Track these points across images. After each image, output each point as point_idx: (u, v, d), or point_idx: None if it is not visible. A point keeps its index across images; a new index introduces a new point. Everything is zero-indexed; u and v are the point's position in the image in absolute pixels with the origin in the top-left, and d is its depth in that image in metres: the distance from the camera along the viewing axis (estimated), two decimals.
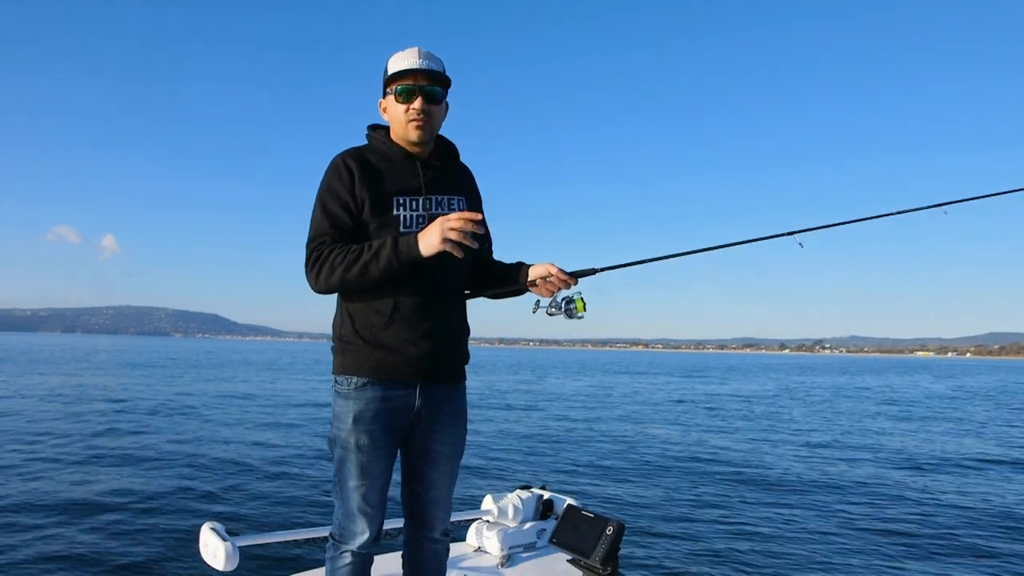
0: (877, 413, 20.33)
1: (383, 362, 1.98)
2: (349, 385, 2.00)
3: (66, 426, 12.25)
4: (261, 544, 2.62)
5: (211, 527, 2.51)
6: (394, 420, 2.02)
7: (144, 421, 13.42)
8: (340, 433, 2.00)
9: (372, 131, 2.13)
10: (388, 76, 2.02)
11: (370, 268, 1.88)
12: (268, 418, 14.58)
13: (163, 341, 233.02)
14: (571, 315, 2.12)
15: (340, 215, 1.97)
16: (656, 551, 5.64)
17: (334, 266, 1.91)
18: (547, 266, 2.13)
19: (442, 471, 2.13)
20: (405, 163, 2.06)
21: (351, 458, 1.99)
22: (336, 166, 2.01)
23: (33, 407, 15.31)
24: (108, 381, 24.87)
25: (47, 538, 5.64)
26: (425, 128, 2.01)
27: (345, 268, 1.90)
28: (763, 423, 16.46)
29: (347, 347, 2.02)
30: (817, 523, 6.72)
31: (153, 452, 9.82)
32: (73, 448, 10.02)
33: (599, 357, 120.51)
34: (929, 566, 5.59)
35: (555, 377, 37.89)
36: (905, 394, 30.29)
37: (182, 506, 6.79)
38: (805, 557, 5.69)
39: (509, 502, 3.01)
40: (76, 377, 26.76)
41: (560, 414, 15.12)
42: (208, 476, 8.21)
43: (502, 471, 7.88)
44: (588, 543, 2.71)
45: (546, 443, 10.44)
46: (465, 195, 2.16)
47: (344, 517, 2.03)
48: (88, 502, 6.86)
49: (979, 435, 15.06)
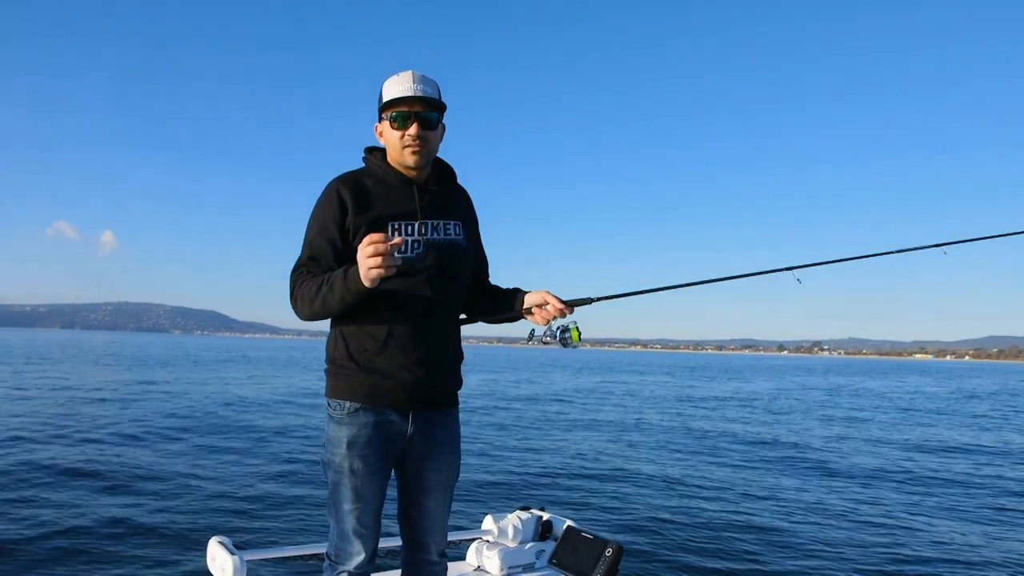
0: (886, 415, 20.35)
1: (376, 387, 2.00)
2: (342, 410, 2.02)
3: (64, 426, 12.29)
4: (269, 559, 2.64)
5: (219, 540, 2.54)
6: (387, 445, 2.04)
7: (153, 425, 13.36)
8: (334, 457, 2.03)
9: (369, 154, 2.14)
10: (383, 102, 2.03)
11: (328, 300, 1.90)
12: (277, 425, 14.59)
13: (162, 338, 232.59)
14: (566, 344, 2.16)
15: (322, 247, 1.99)
16: (657, 574, 5.61)
17: (303, 298, 1.95)
18: (543, 294, 2.16)
19: (436, 498, 2.15)
20: (401, 187, 2.06)
21: (345, 482, 2.01)
22: (328, 194, 2.03)
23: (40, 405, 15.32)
24: (111, 377, 24.90)
25: (48, 540, 5.63)
26: (421, 153, 2.02)
27: (310, 300, 1.93)
28: (768, 432, 16.47)
29: (340, 371, 2.04)
30: (830, 546, 6.65)
31: (159, 461, 9.77)
32: (72, 451, 10.01)
33: (597, 357, 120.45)
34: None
35: (553, 382, 37.72)
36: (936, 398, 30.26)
37: (188, 519, 6.73)
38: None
39: (509, 523, 3.04)
40: (79, 375, 26.73)
41: (560, 430, 15.12)
42: (217, 488, 8.13)
43: (502, 492, 7.83)
44: (587, 564, 2.75)
45: (547, 463, 10.44)
46: (462, 219, 2.16)
47: (339, 538, 2.06)
48: (92, 509, 6.85)
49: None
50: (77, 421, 13.13)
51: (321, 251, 1.98)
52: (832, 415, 20.83)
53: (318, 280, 1.92)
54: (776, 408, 22.76)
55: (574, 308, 2.15)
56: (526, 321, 2.24)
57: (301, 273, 1.98)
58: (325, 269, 1.96)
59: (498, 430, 14.33)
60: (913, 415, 21.80)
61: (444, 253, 2.06)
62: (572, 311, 2.15)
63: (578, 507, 7.69)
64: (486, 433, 13.79)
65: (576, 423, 16.42)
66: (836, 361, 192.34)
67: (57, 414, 14.02)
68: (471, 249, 2.20)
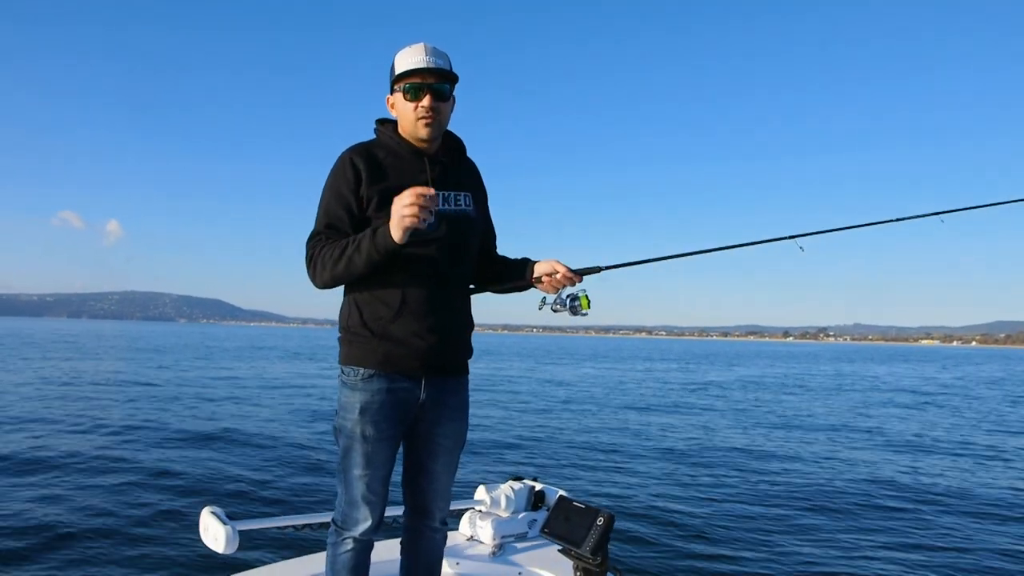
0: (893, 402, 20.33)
1: (390, 354, 2.02)
2: (356, 376, 2.04)
3: (68, 407, 12.41)
4: (261, 529, 2.65)
5: (211, 511, 2.54)
6: (400, 412, 2.06)
7: (144, 403, 13.54)
8: (346, 423, 2.05)
9: (380, 125, 2.16)
10: (396, 74, 2.03)
11: (354, 260, 1.91)
12: (271, 402, 14.70)
13: (170, 327, 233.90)
14: (575, 312, 2.18)
15: (339, 214, 2.01)
16: (647, 541, 5.69)
17: (325, 262, 1.95)
18: (553, 263, 2.18)
19: (444, 463, 2.18)
20: (413, 159, 2.08)
21: (356, 447, 2.03)
22: (342, 163, 2.04)
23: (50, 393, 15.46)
24: (117, 365, 25.10)
25: (42, 513, 5.70)
26: (434, 125, 2.04)
27: (334, 263, 1.94)
28: (760, 411, 16.51)
29: (354, 338, 2.06)
30: (815, 513, 6.77)
31: (154, 435, 9.93)
32: (71, 435, 10.10)
33: (602, 344, 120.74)
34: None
35: (555, 365, 37.88)
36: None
37: (182, 488, 6.86)
38: (799, 548, 5.74)
39: (502, 492, 3.06)
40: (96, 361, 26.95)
41: (554, 404, 15.22)
42: (208, 459, 8.29)
43: (495, 462, 7.96)
44: (579, 533, 2.75)
45: (540, 434, 10.52)
46: (471, 191, 2.19)
47: (347, 504, 2.07)
48: (88, 481, 6.95)
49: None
50: (64, 411, 13.21)
51: (339, 218, 2.00)
52: (837, 401, 20.81)
53: (341, 243, 1.94)
54: (776, 390, 22.77)
55: (583, 277, 2.18)
56: (535, 291, 2.26)
57: (319, 240, 1.99)
58: (343, 236, 1.98)
59: (492, 405, 14.41)
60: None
61: (455, 224, 2.08)
62: (581, 280, 2.17)
63: (570, 478, 7.78)
64: (480, 405, 13.87)
65: (570, 401, 16.46)
66: (842, 347, 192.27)
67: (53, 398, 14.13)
68: (480, 220, 2.22)
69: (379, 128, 2.15)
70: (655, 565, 5.19)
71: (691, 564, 5.25)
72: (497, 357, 45.90)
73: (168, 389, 17.26)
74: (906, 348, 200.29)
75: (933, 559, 5.54)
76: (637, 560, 5.27)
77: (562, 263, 2.17)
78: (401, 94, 2.03)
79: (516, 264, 2.28)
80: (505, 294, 2.32)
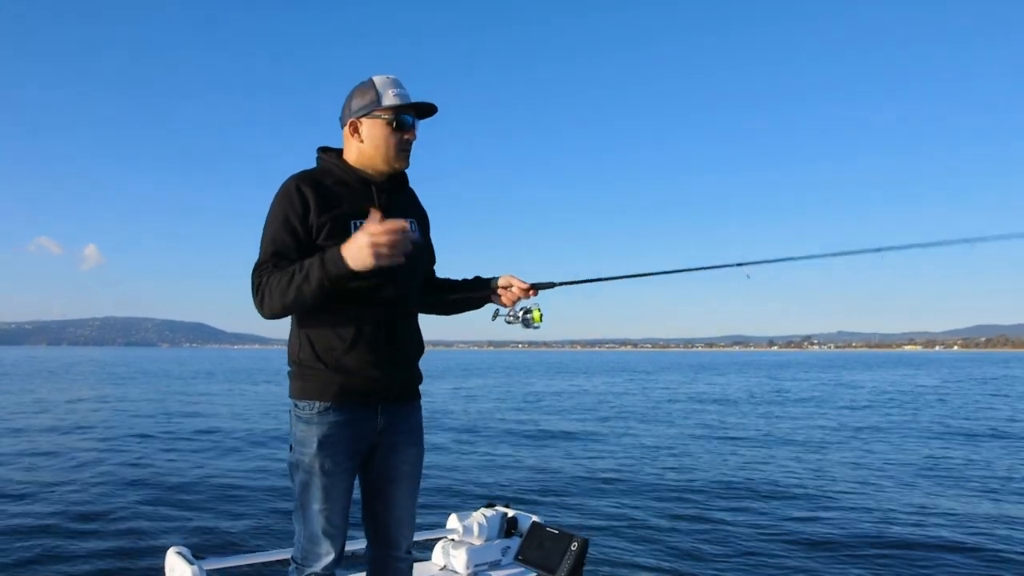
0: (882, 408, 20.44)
1: (345, 386, 2.00)
2: (312, 410, 2.00)
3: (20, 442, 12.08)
4: (228, 568, 2.59)
5: (177, 551, 2.50)
6: (357, 443, 2.04)
7: (106, 437, 13.03)
8: (303, 458, 2.00)
9: (323, 153, 2.14)
10: (385, 105, 2.02)
11: (303, 289, 1.87)
12: (232, 435, 13.99)
13: (149, 352, 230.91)
14: (528, 325, 2.25)
15: (286, 242, 1.97)
16: (622, 563, 5.61)
17: (273, 291, 1.90)
18: (508, 277, 2.26)
19: (405, 489, 2.16)
20: (361, 187, 2.07)
21: (315, 482, 1.99)
22: (288, 191, 2.00)
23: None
24: (79, 394, 24.62)
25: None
26: (408, 156, 2.10)
27: (282, 292, 1.89)
28: (741, 425, 16.53)
29: (308, 371, 2.02)
30: (798, 535, 6.65)
31: (112, 471, 9.48)
32: (21, 469, 9.85)
33: (588, 358, 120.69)
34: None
35: (531, 384, 37.75)
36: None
37: (145, 529, 6.55)
38: (782, 568, 5.71)
39: (474, 520, 3.02)
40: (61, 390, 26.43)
41: (527, 428, 15.12)
42: (172, 497, 7.91)
43: (466, 489, 7.77)
44: (553, 559, 2.73)
45: (511, 459, 10.41)
46: (417, 217, 2.22)
47: (307, 540, 2.03)
48: (40, 522, 6.65)
49: None
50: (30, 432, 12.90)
51: (286, 246, 1.96)
52: (823, 407, 20.91)
53: (289, 271, 1.89)
54: (752, 402, 22.86)
55: (538, 291, 2.24)
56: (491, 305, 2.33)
57: (266, 268, 1.94)
58: (289, 262, 1.94)
59: (460, 430, 14.32)
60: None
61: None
62: (536, 294, 2.23)
63: (543, 504, 7.67)
64: (449, 433, 13.77)
65: (541, 424, 16.33)
66: (827, 355, 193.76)
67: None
68: (426, 246, 2.28)
69: (322, 156, 2.13)
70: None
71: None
72: (476, 373, 45.67)
73: (128, 421, 16.41)
74: (889, 354, 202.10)
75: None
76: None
77: (517, 277, 2.24)
78: (383, 123, 2.03)
79: (465, 282, 2.35)
80: (454, 314, 2.39)
